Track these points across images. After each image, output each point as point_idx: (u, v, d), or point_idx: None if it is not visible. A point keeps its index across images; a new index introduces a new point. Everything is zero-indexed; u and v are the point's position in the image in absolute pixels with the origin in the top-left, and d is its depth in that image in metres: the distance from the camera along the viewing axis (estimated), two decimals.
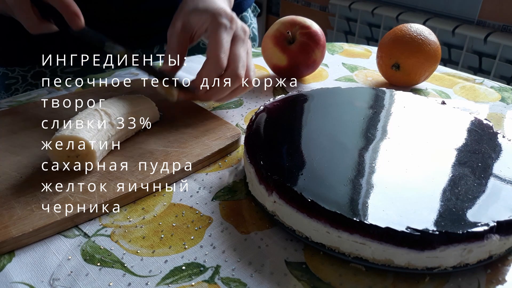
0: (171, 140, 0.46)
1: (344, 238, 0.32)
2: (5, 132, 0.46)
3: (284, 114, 0.47)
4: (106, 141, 0.42)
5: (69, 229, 0.36)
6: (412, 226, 0.31)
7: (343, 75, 0.68)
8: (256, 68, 0.70)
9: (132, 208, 0.39)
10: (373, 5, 1.86)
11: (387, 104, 0.50)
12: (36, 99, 0.56)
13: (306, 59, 0.62)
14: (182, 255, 0.34)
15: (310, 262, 0.33)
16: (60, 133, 0.39)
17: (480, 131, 0.44)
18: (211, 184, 0.42)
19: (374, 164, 0.38)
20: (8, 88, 0.70)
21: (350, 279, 0.32)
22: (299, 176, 0.36)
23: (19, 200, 0.36)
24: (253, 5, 0.89)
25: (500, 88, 0.66)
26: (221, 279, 0.32)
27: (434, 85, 0.66)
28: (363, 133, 0.43)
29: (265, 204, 0.37)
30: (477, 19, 1.63)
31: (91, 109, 0.43)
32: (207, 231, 0.36)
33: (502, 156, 0.40)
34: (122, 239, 0.35)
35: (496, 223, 0.31)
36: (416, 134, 0.44)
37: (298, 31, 0.61)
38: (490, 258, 0.33)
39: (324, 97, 0.50)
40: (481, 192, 0.35)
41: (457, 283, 0.32)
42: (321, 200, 0.33)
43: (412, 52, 0.60)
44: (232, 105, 0.58)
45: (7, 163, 0.41)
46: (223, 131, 0.48)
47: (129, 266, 0.33)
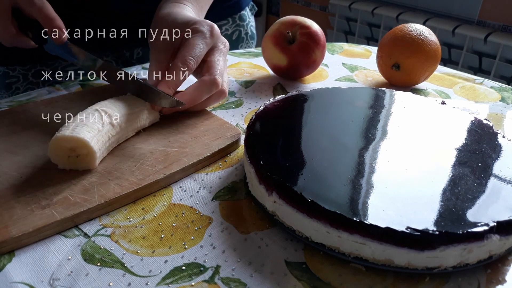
0: (171, 140, 0.46)
1: (344, 238, 0.32)
2: (5, 132, 0.46)
3: (284, 114, 0.47)
4: (106, 141, 0.42)
5: (69, 229, 0.36)
6: (412, 226, 0.31)
7: (343, 75, 0.68)
8: (256, 68, 0.70)
9: (132, 208, 0.39)
10: (373, 5, 1.86)
11: (387, 104, 0.50)
12: (36, 99, 0.56)
13: (306, 59, 0.62)
14: (182, 255, 0.34)
15: (310, 262, 0.33)
16: (60, 133, 0.39)
17: (480, 131, 0.44)
18: (211, 184, 0.42)
19: (374, 164, 0.38)
20: (9, 87, 0.70)
21: (350, 279, 0.32)
22: (299, 176, 0.36)
23: (19, 200, 0.36)
24: (251, 4, 0.89)
25: (500, 88, 0.66)
26: (221, 279, 0.32)
27: (434, 85, 0.66)
28: (363, 133, 0.43)
29: (265, 204, 0.37)
30: (477, 19, 1.63)
31: (92, 109, 0.43)
32: (207, 231, 0.36)
33: (502, 156, 0.40)
34: (122, 239, 0.35)
35: (496, 223, 0.31)
36: (416, 134, 0.44)
37: (298, 31, 0.61)
38: (490, 258, 0.33)
39: (324, 97, 0.50)
40: (481, 192, 0.35)
41: (457, 283, 0.32)
42: (321, 200, 0.33)
43: (412, 52, 0.60)
44: (232, 105, 0.58)
45: (7, 163, 0.41)
46: (223, 131, 0.48)
47: (129, 266, 0.33)
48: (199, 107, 0.51)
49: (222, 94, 0.51)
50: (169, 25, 0.52)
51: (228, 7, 0.81)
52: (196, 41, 0.49)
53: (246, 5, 0.85)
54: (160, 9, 0.56)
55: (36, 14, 0.49)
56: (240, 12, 0.84)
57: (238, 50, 0.78)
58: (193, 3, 0.59)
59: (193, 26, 0.51)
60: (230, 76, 0.66)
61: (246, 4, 0.85)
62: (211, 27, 0.51)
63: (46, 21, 0.49)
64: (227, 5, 0.81)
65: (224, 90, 0.51)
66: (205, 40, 0.50)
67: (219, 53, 0.51)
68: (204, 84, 0.48)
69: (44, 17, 0.48)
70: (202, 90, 0.48)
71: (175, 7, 0.56)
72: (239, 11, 0.83)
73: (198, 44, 0.49)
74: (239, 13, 0.83)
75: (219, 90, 0.50)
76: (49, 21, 0.49)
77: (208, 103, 0.51)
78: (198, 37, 0.50)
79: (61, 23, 0.49)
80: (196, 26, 0.51)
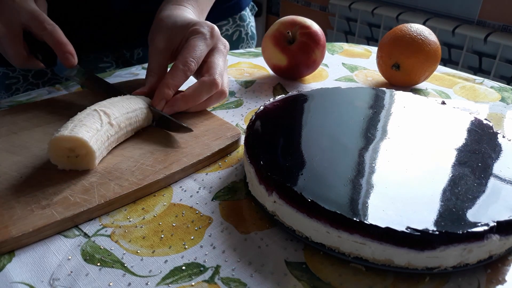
0: (171, 140, 0.46)
1: (344, 238, 0.32)
2: (5, 132, 0.46)
3: (284, 114, 0.47)
4: (105, 141, 0.42)
5: (69, 229, 0.36)
6: (412, 226, 0.31)
7: (343, 75, 0.68)
8: (256, 68, 0.70)
9: (132, 208, 0.39)
10: (373, 5, 1.86)
11: (387, 104, 0.50)
12: (36, 99, 0.56)
13: (306, 59, 0.62)
14: (182, 255, 0.34)
15: (310, 262, 0.33)
16: (59, 133, 0.39)
17: (480, 131, 0.44)
18: (211, 184, 0.42)
19: (374, 164, 0.38)
20: (9, 88, 0.70)
21: (350, 279, 0.32)
22: (299, 176, 0.36)
23: (19, 200, 0.36)
24: (251, 4, 0.89)
25: (500, 88, 0.66)
26: (221, 279, 0.32)
27: (434, 85, 0.66)
28: (363, 133, 0.43)
29: (265, 204, 0.37)
30: (477, 19, 1.63)
31: (90, 109, 0.43)
32: (207, 231, 0.36)
33: (502, 156, 0.40)
34: (122, 239, 0.35)
35: (496, 223, 0.31)
36: (416, 134, 0.44)
37: (298, 31, 0.61)
38: (490, 258, 0.33)
39: (324, 97, 0.50)
40: (481, 192, 0.35)
41: (457, 283, 0.32)
42: (321, 200, 0.33)
43: (412, 52, 0.60)
44: (232, 105, 0.58)
45: (7, 163, 0.41)
46: (223, 131, 0.48)
47: (129, 266, 0.33)
48: (199, 108, 0.51)
49: (222, 95, 0.51)
50: (169, 27, 0.52)
51: (229, 8, 0.81)
52: (196, 42, 0.49)
53: (246, 6, 0.85)
54: (161, 11, 0.56)
55: (47, 38, 0.49)
56: (240, 12, 0.84)
57: (238, 50, 0.78)
58: (193, 5, 0.59)
59: (193, 27, 0.51)
60: (230, 76, 0.66)
61: (246, 5, 0.86)
62: (211, 28, 0.51)
63: (57, 46, 0.49)
64: (227, 5, 0.81)
65: (224, 90, 0.51)
66: (205, 41, 0.50)
67: (219, 54, 0.51)
68: (204, 85, 0.48)
69: (56, 42, 0.49)
70: (201, 90, 0.48)
71: (175, 9, 0.56)
72: (239, 12, 0.83)
73: (199, 45, 0.49)
74: (239, 14, 0.83)
75: (219, 91, 0.50)
76: (60, 46, 0.49)
77: (208, 104, 0.51)
78: (199, 38, 0.50)
79: (72, 48, 0.50)
80: (196, 28, 0.51)
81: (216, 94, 0.50)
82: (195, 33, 0.50)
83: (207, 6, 0.64)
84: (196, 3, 0.60)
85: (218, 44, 0.52)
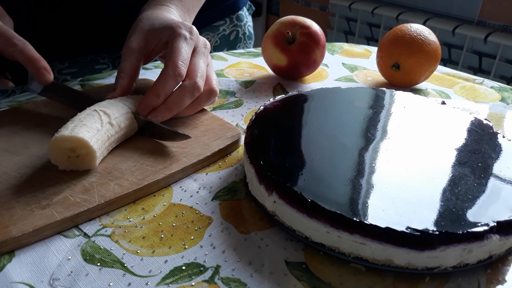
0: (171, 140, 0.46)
1: (344, 238, 0.32)
2: (5, 132, 0.46)
3: (284, 114, 0.47)
4: (106, 140, 0.42)
5: (69, 229, 0.36)
6: (412, 226, 0.31)
7: (343, 75, 0.68)
8: (256, 68, 0.70)
9: (132, 208, 0.39)
10: (373, 5, 1.86)
11: (387, 104, 0.50)
12: (36, 99, 0.56)
13: (306, 59, 0.62)
14: (182, 255, 0.34)
15: (310, 262, 0.33)
16: (60, 134, 0.39)
17: (480, 131, 0.44)
18: (211, 184, 0.42)
19: (374, 164, 0.38)
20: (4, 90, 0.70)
21: (350, 279, 0.32)
22: (299, 176, 0.36)
23: (19, 200, 0.36)
24: (248, 4, 0.89)
25: (500, 88, 0.66)
26: (221, 279, 0.32)
27: (434, 85, 0.66)
28: (363, 133, 0.43)
29: (265, 204, 0.37)
30: (477, 19, 1.63)
31: (90, 109, 0.43)
32: (207, 231, 0.36)
33: (502, 156, 0.40)
34: (122, 239, 0.35)
35: (496, 223, 0.31)
36: (416, 134, 0.44)
37: (298, 31, 0.61)
38: (490, 258, 0.33)
39: (324, 97, 0.50)
40: (481, 192, 0.35)
41: (457, 283, 0.32)
42: (321, 200, 0.33)
43: (412, 52, 0.60)
44: (232, 105, 0.58)
45: (7, 163, 0.41)
46: (223, 131, 0.48)
47: (129, 266, 0.33)
48: (189, 111, 0.50)
49: (212, 94, 0.50)
50: (145, 29, 0.51)
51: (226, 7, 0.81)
52: (180, 45, 0.48)
53: (243, 5, 0.85)
54: (143, 11, 0.54)
55: (18, 55, 0.46)
56: (238, 12, 0.84)
57: (238, 50, 0.78)
58: (177, 5, 0.58)
59: (172, 29, 0.49)
60: (230, 76, 0.66)
61: (244, 4, 0.85)
62: (189, 29, 0.50)
63: (31, 62, 0.46)
64: (225, 5, 0.81)
65: (213, 89, 0.50)
66: (187, 41, 0.48)
67: (199, 55, 0.50)
68: (186, 90, 0.46)
69: (28, 58, 0.46)
70: (184, 96, 0.46)
71: (157, 9, 0.54)
72: (236, 11, 0.83)
73: (183, 47, 0.48)
74: (236, 13, 0.83)
75: (208, 90, 0.49)
76: (34, 63, 0.46)
77: (198, 106, 0.50)
78: (180, 40, 0.48)
79: (46, 63, 0.47)
80: (175, 30, 0.49)
81: (206, 94, 0.49)
82: (174, 35, 0.49)
83: (194, 6, 0.62)
84: (181, 3, 0.59)
85: (199, 44, 0.50)
